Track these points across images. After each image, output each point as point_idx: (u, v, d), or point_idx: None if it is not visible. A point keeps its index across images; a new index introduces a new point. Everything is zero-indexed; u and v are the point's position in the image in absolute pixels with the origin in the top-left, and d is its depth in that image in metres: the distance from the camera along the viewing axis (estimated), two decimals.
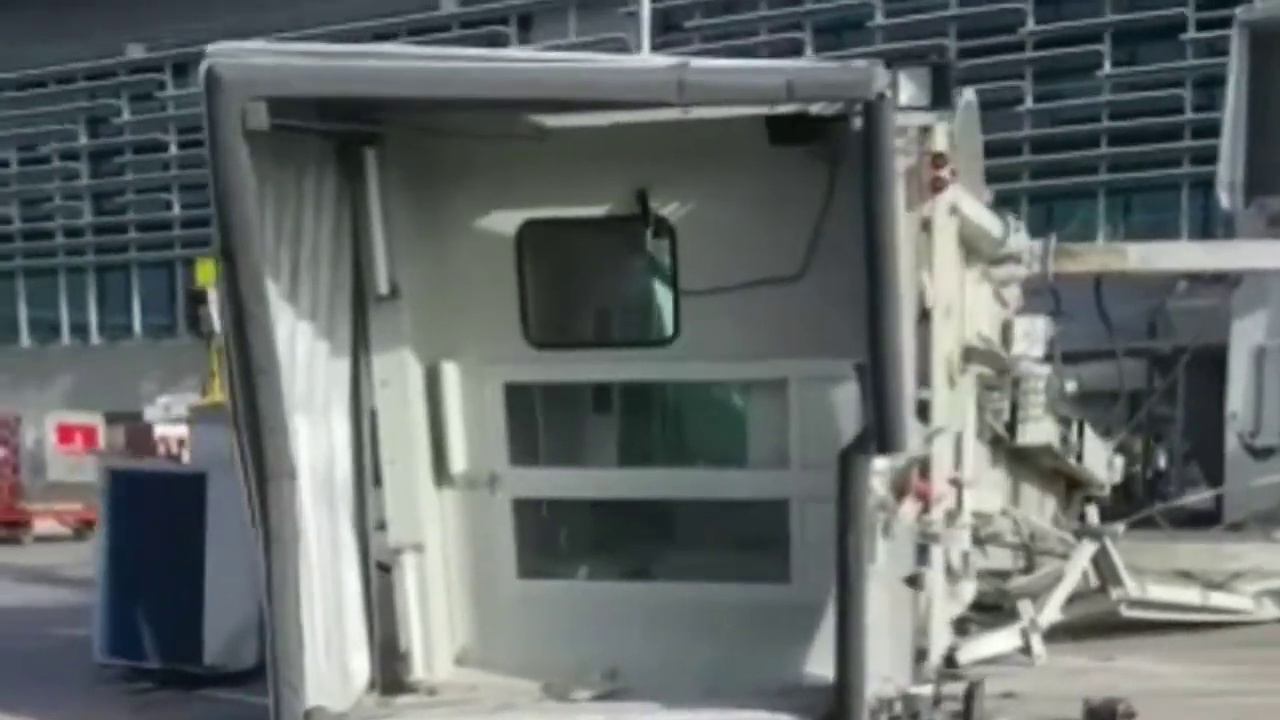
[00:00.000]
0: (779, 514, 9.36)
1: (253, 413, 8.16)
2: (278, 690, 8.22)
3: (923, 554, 8.84)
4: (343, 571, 9.25)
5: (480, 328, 9.45)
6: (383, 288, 9.16)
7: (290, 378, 8.80)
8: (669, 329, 9.36)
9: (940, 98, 8.40)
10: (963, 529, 10.60)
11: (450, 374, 9.45)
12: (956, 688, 9.39)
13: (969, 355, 10.70)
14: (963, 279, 10.94)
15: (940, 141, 8.89)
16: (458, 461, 9.53)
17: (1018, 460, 14.27)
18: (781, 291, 9.06)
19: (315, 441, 9.06)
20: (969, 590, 10.96)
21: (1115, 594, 12.09)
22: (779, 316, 9.09)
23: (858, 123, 8.18)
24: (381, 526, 9.51)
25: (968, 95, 10.64)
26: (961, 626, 11.80)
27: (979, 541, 11.93)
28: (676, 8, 40.52)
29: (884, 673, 8.82)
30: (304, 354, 8.96)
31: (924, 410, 8.94)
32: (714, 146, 8.81)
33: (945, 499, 9.73)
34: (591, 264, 9.54)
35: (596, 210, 9.28)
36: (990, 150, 11.88)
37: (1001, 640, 11.54)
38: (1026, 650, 11.43)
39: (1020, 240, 14.19)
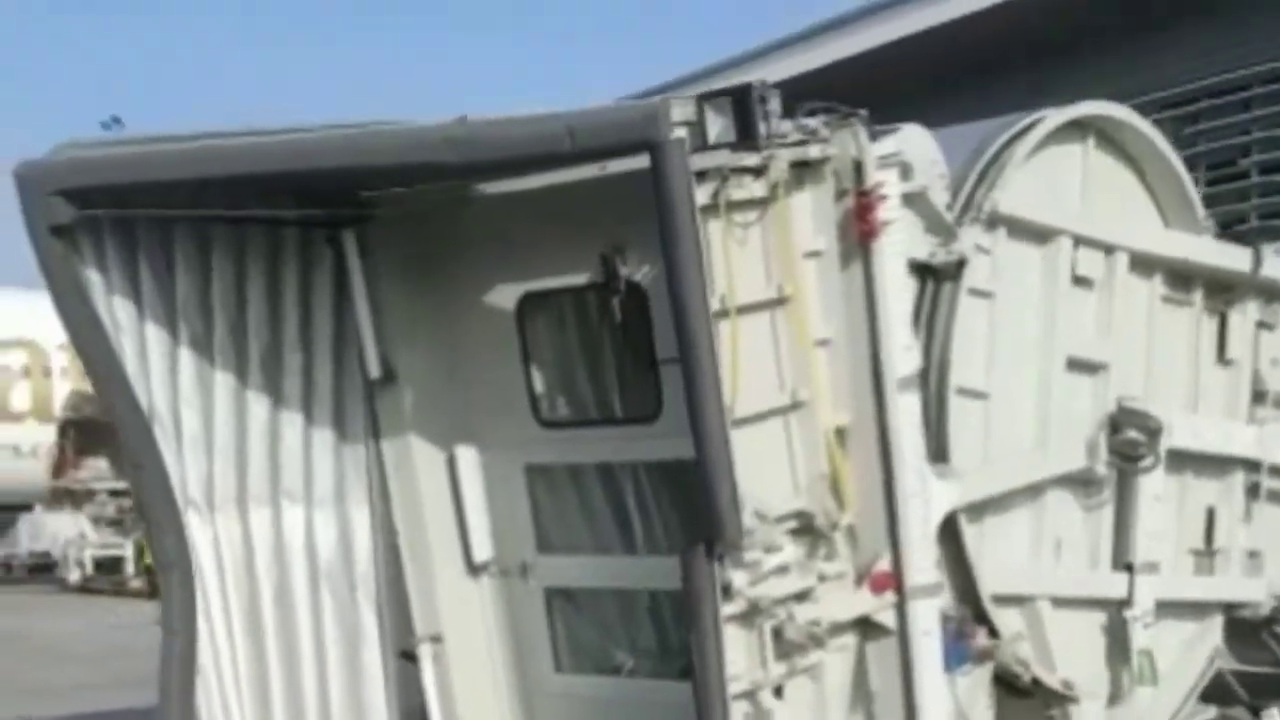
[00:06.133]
0: None
1: (139, 506, 8.32)
2: None
3: None
4: (363, 659, 9.12)
5: (493, 407, 9.02)
6: (374, 371, 8.95)
7: (274, 465, 8.90)
8: (653, 404, 8.55)
9: (746, 130, 7.23)
10: (1139, 619, 9.09)
11: (466, 458, 9.08)
12: None
13: (1122, 419, 9.15)
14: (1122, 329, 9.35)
15: (874, 175, 7.73)
16: (482, 549, 9.14)
17: None
18: None
19: (323, 530, 9.05)
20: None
21: None
22: None
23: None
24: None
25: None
26: None
27: None
28: None
29: None
30: (293, 441, 8.95)
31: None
32: None
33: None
34: (578, 336, 8.87)
35: (577, 278, 8.65)
36: None
37: None
38: None
39: None
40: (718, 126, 7.25)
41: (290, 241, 8.89)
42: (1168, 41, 23.64)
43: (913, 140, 8.13)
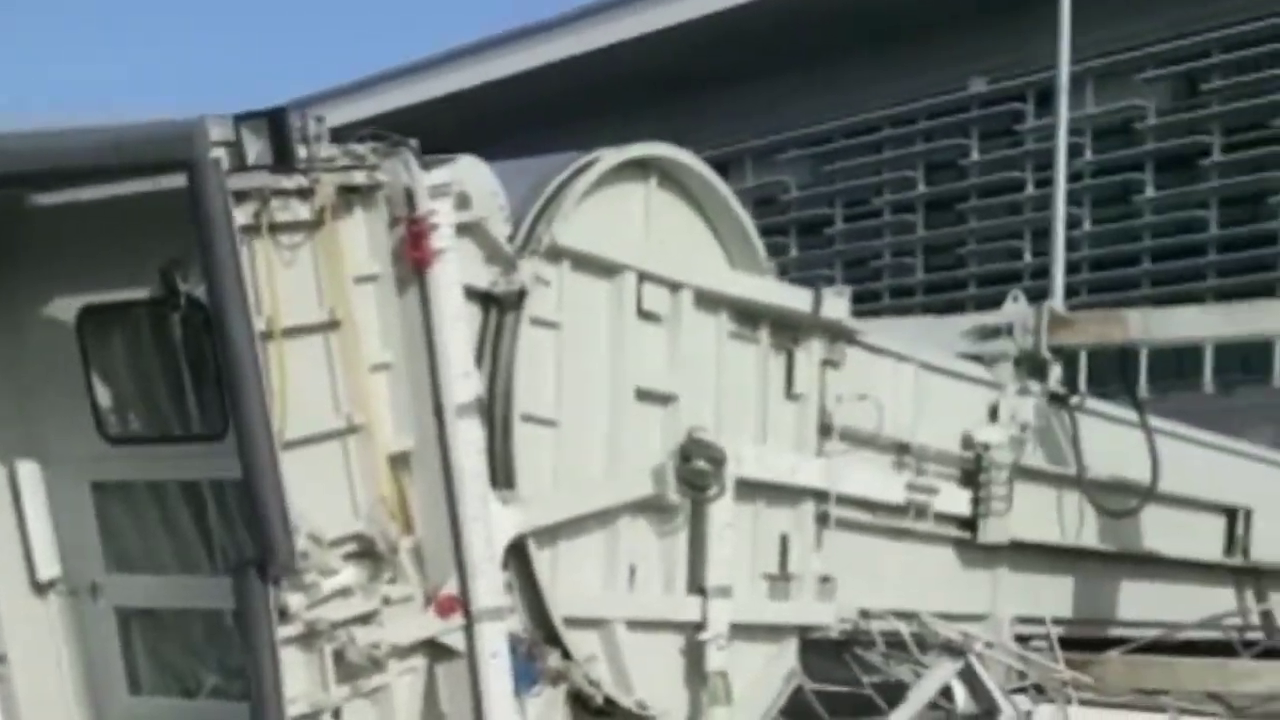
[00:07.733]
0: None
1: None
2: None
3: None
4: None
5: (56, 421, 8.77)
6: None
7: None
8: (219, 421, 8.42)
9: (282, 153, 7.20)
10: (713, 641, 9.27)
11: (28, 474, 8.82)
12: None
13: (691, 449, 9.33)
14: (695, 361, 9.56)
15: (425, 204, 7.76)
16: (47, 567, 8.89)
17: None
18: None
19: None
20: None
21: None
22: None
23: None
24: None
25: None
26: None
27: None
28: (1197, 70, 37.72)
29: None
30: None
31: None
32: None
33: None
34: (142, 351, 8.67)
35: (138, 293, 8.45)
36: None
37: None
38: None
39: (1014, 309, 12.49)
40: (256, 148, 7.22)
41: None
42: (805, 80, 24.37)
43: (468, 171, 8.22)
